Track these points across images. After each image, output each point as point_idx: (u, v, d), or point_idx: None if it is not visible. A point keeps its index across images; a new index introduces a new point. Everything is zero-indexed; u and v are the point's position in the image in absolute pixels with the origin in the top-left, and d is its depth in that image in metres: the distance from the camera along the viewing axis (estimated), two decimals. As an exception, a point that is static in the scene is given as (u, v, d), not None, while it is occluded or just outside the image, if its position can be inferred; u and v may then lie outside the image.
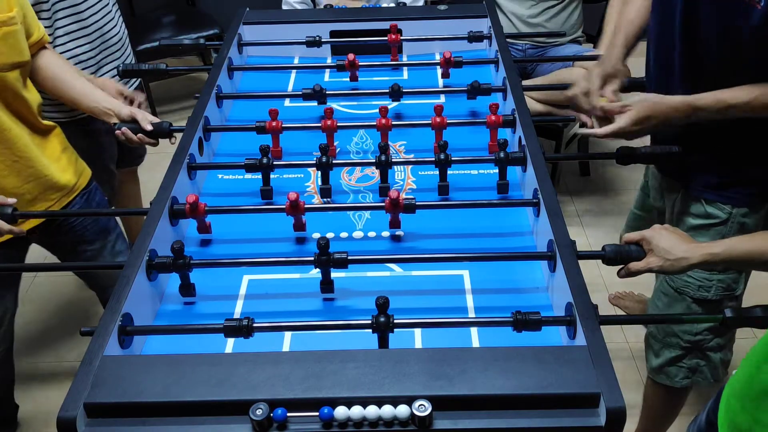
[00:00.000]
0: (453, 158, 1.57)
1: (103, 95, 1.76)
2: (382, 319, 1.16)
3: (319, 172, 1.59)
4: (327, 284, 1.34)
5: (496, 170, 1.60)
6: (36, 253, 1.99)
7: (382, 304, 1.17)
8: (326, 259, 1.30)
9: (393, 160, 1.58)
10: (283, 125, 1.72)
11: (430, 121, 1.71)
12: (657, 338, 1.81)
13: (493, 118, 1.69)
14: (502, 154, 1.55)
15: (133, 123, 1.70)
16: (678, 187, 1.69)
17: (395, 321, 1.17)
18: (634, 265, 1.29)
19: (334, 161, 1.58)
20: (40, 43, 1.73)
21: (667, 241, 1.26)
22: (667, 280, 1.72)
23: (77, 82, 1.76)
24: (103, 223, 1.93)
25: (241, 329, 1.17)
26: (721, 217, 1.59)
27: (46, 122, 1.77)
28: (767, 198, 1.58)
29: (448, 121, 1.70)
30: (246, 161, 1.58)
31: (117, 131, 1.69)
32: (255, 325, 1.17)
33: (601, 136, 1.52)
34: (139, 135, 1.69)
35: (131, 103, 1.87)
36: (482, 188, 1.64)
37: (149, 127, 1.68)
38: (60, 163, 1.80)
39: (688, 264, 1.25)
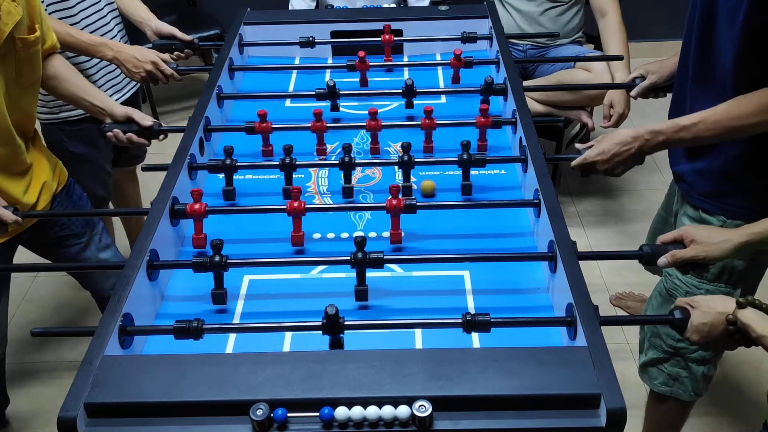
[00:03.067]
0: (416, 159, 1.55)
1: (100, 93, 1.77)
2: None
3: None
4: (362, 287, 1.31)
5: (496, 171, 1.60)
6: (24, 256, 1.97)
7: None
8: (363, 257, 1.28)
9: (356, 161, 1.57)
10: (273, 126, 1.72)
11: (420, 123, 1.71)
12: (646, 336, 1.81)
13: (482, 119, 1.70)
14: (465, 156, 1.54)
15: (126, 123, 1.71)
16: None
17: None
18: (678, 252, 1.28)
19: (297, 162, 1.57)
20: (51, 50, 1.74)
21: (705, 231, 1.30)
22: (663, 281, 1.71)
23: (78, 81, 1.77)
24: None
25: (190, 331, 1.17)
26: (715, 224, 1.58)
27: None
28: (765, 213, 1.49)
29: (437, 122, 1.71)
30: (209, 161, 1.59)
31: (108, 133, 1.70)
32: (205, 327, 1.18)
33: (573, 166, 1.55)
34: (128, 135, 1.70)
35: None
36: (482, 189, 1.64)
37: (149, 123, 1.71)
38: (44, 163, 1.80)
39: (732, 245, 1.27)
